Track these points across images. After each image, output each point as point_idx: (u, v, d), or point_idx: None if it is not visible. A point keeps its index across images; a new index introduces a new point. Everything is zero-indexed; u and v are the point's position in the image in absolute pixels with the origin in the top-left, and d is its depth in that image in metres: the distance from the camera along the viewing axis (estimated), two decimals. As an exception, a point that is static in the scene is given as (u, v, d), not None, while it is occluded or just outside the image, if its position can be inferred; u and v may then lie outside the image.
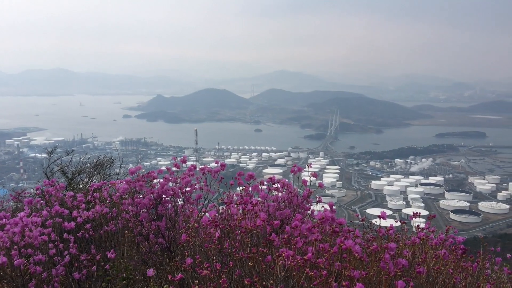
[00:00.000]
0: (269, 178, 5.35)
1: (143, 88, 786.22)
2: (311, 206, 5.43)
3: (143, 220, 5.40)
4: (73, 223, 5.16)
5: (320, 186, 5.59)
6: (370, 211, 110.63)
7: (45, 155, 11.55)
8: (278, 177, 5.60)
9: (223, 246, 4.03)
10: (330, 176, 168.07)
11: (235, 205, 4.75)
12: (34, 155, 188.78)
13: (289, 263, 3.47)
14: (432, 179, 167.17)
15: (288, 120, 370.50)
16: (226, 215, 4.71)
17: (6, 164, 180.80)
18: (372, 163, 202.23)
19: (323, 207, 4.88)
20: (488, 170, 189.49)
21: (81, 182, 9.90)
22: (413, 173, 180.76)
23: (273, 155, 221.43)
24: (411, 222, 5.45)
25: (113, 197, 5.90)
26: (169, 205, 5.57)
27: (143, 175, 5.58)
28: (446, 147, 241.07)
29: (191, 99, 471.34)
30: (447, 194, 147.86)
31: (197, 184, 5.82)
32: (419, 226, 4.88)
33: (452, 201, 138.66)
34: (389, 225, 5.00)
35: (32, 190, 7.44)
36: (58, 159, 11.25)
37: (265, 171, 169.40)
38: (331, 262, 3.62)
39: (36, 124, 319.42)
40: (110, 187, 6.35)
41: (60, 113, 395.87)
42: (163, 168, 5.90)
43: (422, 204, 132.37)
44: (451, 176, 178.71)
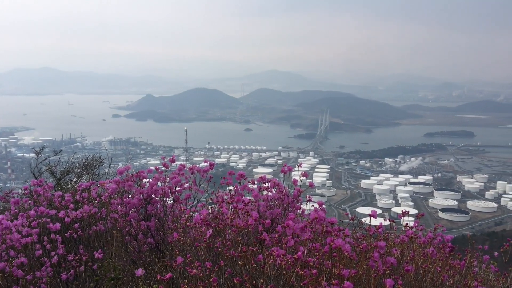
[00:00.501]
0: (259, 178, 5.35)
1: (133, 88, 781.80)
2: (301, 206, 5.44)
3: (132, 220, 5.37)
4: (58, 225, 5.10)
5: (311, 186, 5.60)
6: (360, 210, 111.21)
7: (33, 155, 11.43)
8: (268, 176, 5.60)
9: (215, 245, 4.02)
10: (320, 176, 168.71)
11: (226, 204, 4.75)
12: (22, 155, 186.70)
13: (279, 262, 3.48)
14: (421, 178, 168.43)
15: (278, 119, 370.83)
16: (218, 214, 4.70)
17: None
18: (361, 162, 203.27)
19: (312, 206, 4.88)
20: (476, 169, 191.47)
21: (69, 182, 9.83)
22: (402, 172, 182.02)
23: (263, 154, 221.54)
24: (400, 220, 5.49)
25: (102, 197, 5.85)
26: (158, 205, 5.55)
27: (132, 175, 5.54)
28: (434, 146, 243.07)
29: (181, 98, 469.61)
30: (436, 193, 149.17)
31: (186, 184, 5.81)
32: (407, 224, 4.91)
33: (441, 199, 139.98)
34: (379, 223, 5.03)
35: (20, 190, 7.36)
36: (46, 159, 11.15)
37: (255, 170, 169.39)
38: (321, 261, 3.63)
39: (24, 123, 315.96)
40: (99, 187, 6.30)
41: (48, 113, 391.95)
42: (153, 168, 5.87)
43: (411, 203, 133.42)
44: (439, 175, 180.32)
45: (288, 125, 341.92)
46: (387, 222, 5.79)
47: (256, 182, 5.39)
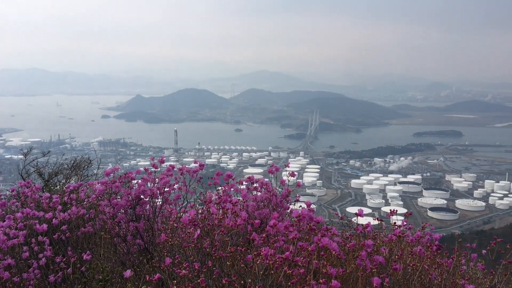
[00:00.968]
0: (247, 178, 5.36)
1: (122, 88, 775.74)
2: (290, 206, 5.45)
3: (120, 221, 5.34)
4: (45, 226, 5.06)
5: (298, 185, 5.62)
6: (350, 209, 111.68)
7: (21, 156, 11.34)
8: (258, 176, 5.61)
9: (203, 245, 4.02)
10: (311, 176, 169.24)
11: (215, 205, 4.74)
12: (10, 156, 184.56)
13: (267, 262, 3.48)
14: (411, 178, 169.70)
15: (269, 120, 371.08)
16: (206, 215, 4.69)
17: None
18: (351, 162, 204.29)
19: (300, 206, 4.90)
20: (464, 168, 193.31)
21: (58, 184, 9.75)
22: (391, 172, 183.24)
23: (253, 155, 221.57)
24: (389, 219, 5.52)
25: (89, 198, 5.82)
26: (147, 206, 5.52)
27: (120, 176, 5.51)
28: (423, 146, 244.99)
29: (170, 99, 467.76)
30: (425, 192, 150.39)
31: (175, 185, 5.79)
32: (396, 223, 4.94)
33: (430, 199, 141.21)
34: (367, 222, 5.06)
35: (7, 192, 7.31)
36: (34, 160, 11.06)
37: (245, 171, 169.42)
38: (309, 260, 3.64)
39: (12, 124, 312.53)
40: (87, 188, 6.26)
41: (36, 114, 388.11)
42: (141, 168, 5.84)
43: (401, 202, 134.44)
44: (428, 174, 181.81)
45: (279, 125, 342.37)
46: (376, 222, 5.84)
47: (244, 182, 5.40)
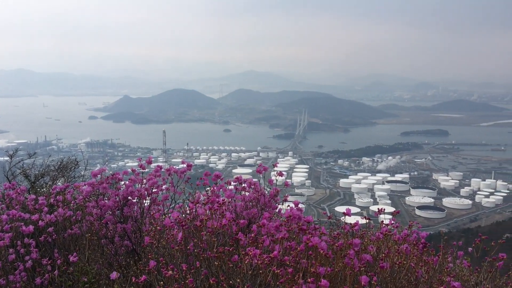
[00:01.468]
0: (235, 178, 5.35)
1: (109, 89, 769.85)
2: (279, 205, 5.45)
3: (108, 222, 5.30)
4: (31, 227, 5.01)
5: (286, 185, 5.64)
6: (339, 209, 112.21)
7: (6, 158, 11.19)
8: (247, 177, 5.60)
9: (187, 246, 4.01)
10: (299, 175, 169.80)
11: (201, 205, 4.73)
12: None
13: (256, 261, 3.49)
14: (398, 177, 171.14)
15: (257, 120, 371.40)
16: (193, 215, 4.68)
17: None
18: (340, 161, 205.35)
19: (288, 206, 4.91)
20: (451, 167, 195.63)
21: (44, 185, 9.66)
22: (380, 171, 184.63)
23: (242, 155, 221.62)
24: (377, 218, 5.55)
25: (76, 200, 5.77)
26: (135, 207, 5.49)
27: (108, 177, 5.47)
28: (411, 145, 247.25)
29: (158, 99, 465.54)
30: (412, 191, 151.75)
31: (164, 185, 5.76)
32: (383, 222, 4.98)
33: (418, 197, 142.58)
34: (355, 221, 5.09)
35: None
36: (20, 161, 10.95)
37: (234, 171, 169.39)
38: (297, 259, 3.65)
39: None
40: (74, 189, 6.21)
41: (22, 115, 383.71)
42: (129, 169, 5.80)
43: (389, 201, 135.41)
44: (416, 173, 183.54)
45: (267, 125, 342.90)
46: (364, 221, 5.87)
47: (232, 183, 5.39)
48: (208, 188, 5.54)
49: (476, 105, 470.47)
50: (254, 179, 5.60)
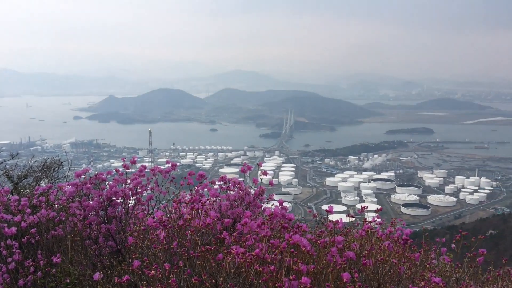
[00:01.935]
0: (220, 177, 5.37)
1: (94, 89, 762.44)
2: (264, 204, 5.48)
3: (91, 223, 5.27)
4: (14, 229, 4.96)
5: (271, 184, 5.67)
6: (325, 207, 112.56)
7: (-12, 159, 11.05)
8: (234, 176, 5.62)
9: (170, 246, 4.02)
10: (286, 174, 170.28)
11: (185, 205, 4.73)
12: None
13: (239, 260, 3.51)
14: (384, 175, 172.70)
15: (244, 119, 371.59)
16: (176, 215, 4.68)
17: None
18: (326, 160, 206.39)
19: (273, 204, 4.94)
20: (436, 165, 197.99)
21: (28, 186, 9.56)
22: (365, 169, 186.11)
23: (229, 154, 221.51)
24: (363, 216, 5.60)
25: (60, 200, 5.72)
26: (119, 207, 5.46)
27: (91, 177, 5.44)
28: (396, 143, 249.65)
29: (144, 99, 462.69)
30: (398, 189, 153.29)
31: (148, 185, 5.75)
32: (366, 219, 5.03)
33: (403, 195, 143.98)
34: (339, 219, 5.14)
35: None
36: (2, 162, 10.82)
37: (221, 170, 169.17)
38: (280, 257, 3.68)
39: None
40: (57, 190, 6.16)
41: (5, 115, 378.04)
42: (113, 170, 5.78)
43: (375, 199, 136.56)
44: (401, 171, 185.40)
45: (254, 124, 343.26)
46: (351, 219, 5.92)
47: (217, 182, 5.40)
48: (193, 188, 5.54)
49: (460, 103, 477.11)
50: (240, 179, 5.63)
